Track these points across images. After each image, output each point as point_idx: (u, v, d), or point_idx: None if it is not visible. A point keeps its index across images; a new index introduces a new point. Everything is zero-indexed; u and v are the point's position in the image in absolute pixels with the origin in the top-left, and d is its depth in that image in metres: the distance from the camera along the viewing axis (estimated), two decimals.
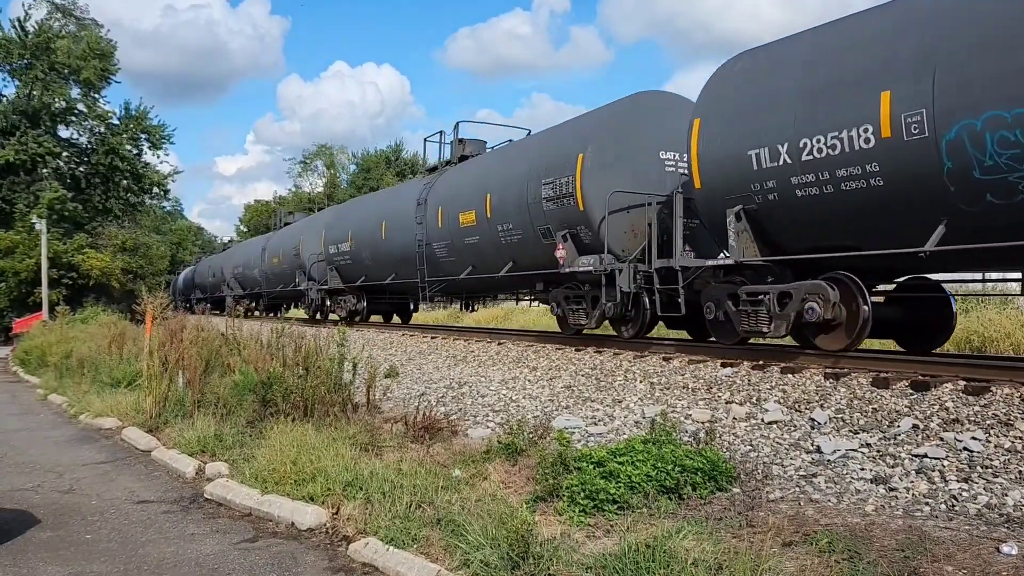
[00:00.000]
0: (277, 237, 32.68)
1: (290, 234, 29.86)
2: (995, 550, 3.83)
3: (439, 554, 4.39)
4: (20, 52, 31.63)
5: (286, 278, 29.04)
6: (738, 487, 5.32)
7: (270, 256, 31.21)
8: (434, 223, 16.88)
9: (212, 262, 43.48)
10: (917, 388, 6.86)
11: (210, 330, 11.75)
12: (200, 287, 44.89)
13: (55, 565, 4.67)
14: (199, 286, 45.51)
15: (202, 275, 45.26)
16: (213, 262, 43.11)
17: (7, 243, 30.02)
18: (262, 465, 6.28)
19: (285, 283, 29.22)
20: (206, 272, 44.23)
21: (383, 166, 65.65)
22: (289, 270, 28.44)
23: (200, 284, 44.96)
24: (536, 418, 7.80)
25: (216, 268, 40.76)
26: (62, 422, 10.39)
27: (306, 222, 30.16)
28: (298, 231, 28.93)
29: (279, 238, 31.93)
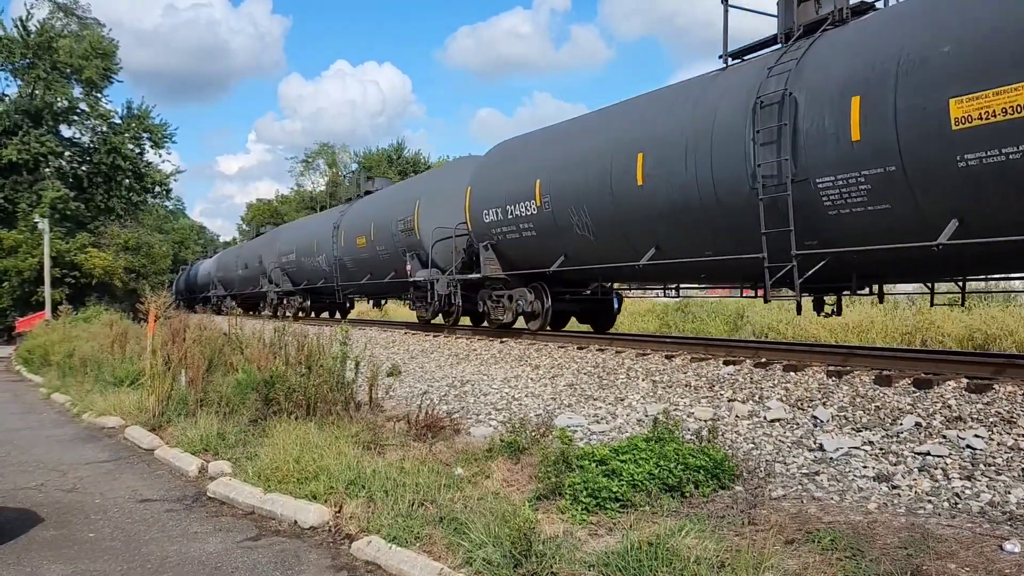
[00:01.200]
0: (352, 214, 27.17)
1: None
2: (998, 548, 3.83)
3: (441, 552, 4.39)
4: (22, 51, 31.65)
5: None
6: (740, 485, 5.31)
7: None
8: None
9: (243, 251, 39.47)
10: (920, 386, 6.86)
11: (212, 329, 11.76)
12: (225, 283, 41.11)
13: (58, 564, 4.68)
14: (223, 281, 41.45)
15: (227, 267, 40.71)
16: (243, 251, 39.24)
17: (10, 242, 30.05)
18: (265, 464, 6.29)
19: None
20: (233, 263, 39.50)
21: (385, 164, 65.65)
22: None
23: (226, 279, 40.83)
24: (538, 416, 7.81)
25: (250, 258, 35.30)
26: (65, 421, 10.41)
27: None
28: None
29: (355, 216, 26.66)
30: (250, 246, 37.25)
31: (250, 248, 36.71)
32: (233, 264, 38.89)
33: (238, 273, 37.25)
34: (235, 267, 38.15)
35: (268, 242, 32.18)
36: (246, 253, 36.66)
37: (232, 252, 43.01)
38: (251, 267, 34.12)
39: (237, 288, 37.77)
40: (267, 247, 31.56)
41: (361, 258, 22.23)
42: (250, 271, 34.42)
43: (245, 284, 35.93)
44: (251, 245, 37.03)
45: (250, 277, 34.48)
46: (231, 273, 39.05)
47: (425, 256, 17.84)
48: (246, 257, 35.99)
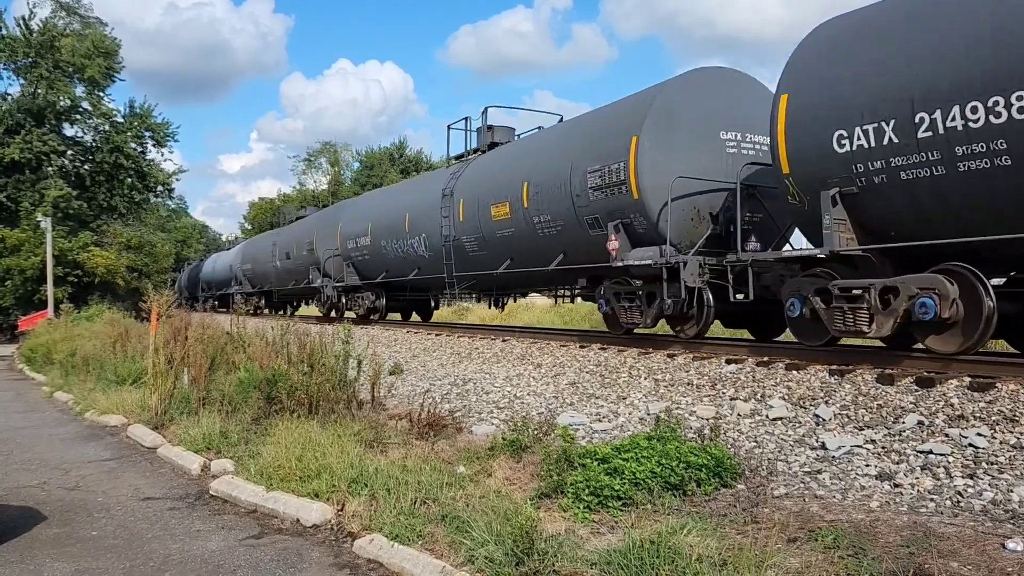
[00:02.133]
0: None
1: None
2: (1000, 546, 3.82)
3: (444, 550, 4.40)
4: (25, 51, 31.68)
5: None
6: (742, 483, 5.31)
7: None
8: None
9: (283, 237, 31.44)
10: (922, 384, 6.85)
11: (215, 327, 11.77)
12: (255, 277, 35.55)
13: (61, 562, 4.69)
14: (252, 276, 35.94)
15: (258, 258, 34.69)
16: (283, 237, 31.34)
17: (12, 241, 30.11)
18: (267, 462, 6.29)
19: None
20: (266, 253, 33.10)
21: (386, 163, 65.70)
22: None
23: (256, 273, 35.19)
24: (540, 415, 7.81)
25: (294, 245, 29.11)
26: (67, 419, 10.42)
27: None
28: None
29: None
30: (294, 231, 29.91)
31: (294, 233, 29.53)
32: (267, 254, 32.33)
33: (274, 265, 30.96)
34: (270, 257, 31.66)
35: (324, 223, 25.55)
36: (287, 240, 29.90)
37: (265, 240, 35.38)
38: (296, 256, 28.01)
39: (275, 283, 31.33)
40: (323, 230, 25.11)
41: (498, 237, 14.95)
42: (294, 262, 28.33)
43: (285, 278, 29.82)
44: (295, 229, 29.79)
45: (294, 269, 28.42)
46: (264, 265, 32.89)
47: (646, 226, 11.26)
48: (287, 244, 29.52)
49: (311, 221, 28.59)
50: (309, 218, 30.28)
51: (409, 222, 18.82)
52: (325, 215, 27.42)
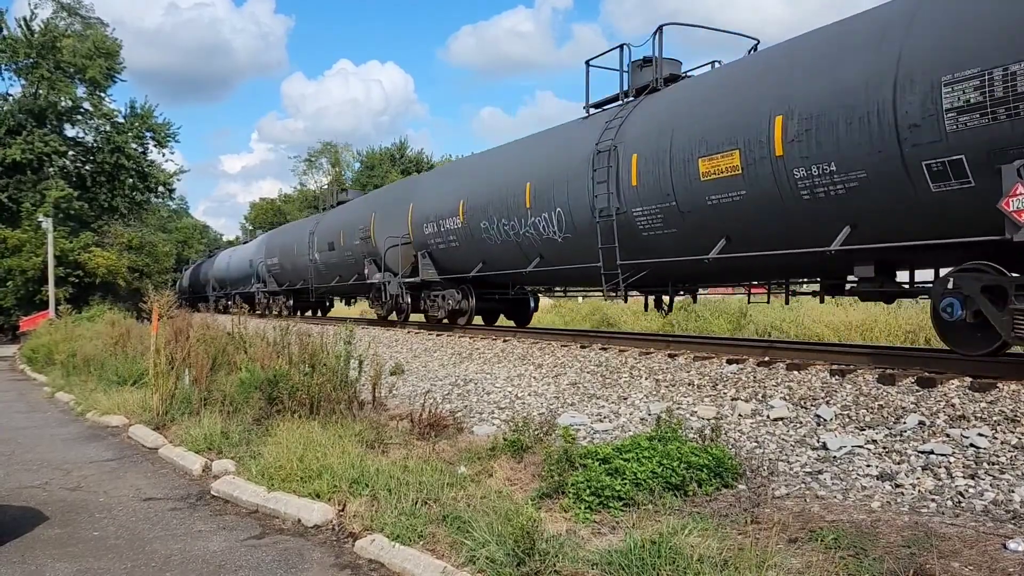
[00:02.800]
0: None
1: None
2: (1002, 546, 3.82)
3: (445, 551, 4.40)
4: (26, 51, 31.71)
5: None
6: (744, 484, 5.32)
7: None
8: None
9: (324, 225, 26.39)
10: (923, 384, 6.85)
11: (216, 328, 11.78)
12: (282, 274, 30.67)
13: (63, 562, 4.69)
14: (279, 272, 31.06)
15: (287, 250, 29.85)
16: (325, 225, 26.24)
17: (14, 242, 30.13)
18: (268, 462, 6.30)
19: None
20: (298, 244, 28.39)
21: (387, 163, 65.71)
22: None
23: (284, 269, 30.34)
24: (541, 415, 7.81)
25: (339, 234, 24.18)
26: (69, 420, 10.43)
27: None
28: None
29: None
30: (341, 216, 25.02)
31: (341, 219, 24.64)
32: (301, 245, 27.56)
33: (311, 258, 26.28)
34: (306, 249, 26.91)
35: (387, 204, 20.86)
36: (331, 227, 25.09)
37: (297, 229, 30.10)
38: (344, 247, 23.35)
39: (313, 280, 26.65)
40: (385, 212, 20.49)
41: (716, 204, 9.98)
42: (341, 253, 23.61)
43: (327, 274, 25.35)
44: (342, 215, 25.03)
45: (341, 263, 23.78)
46: (296, 259, 28.19)
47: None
48: (330, 232, 24.79)
49: (366, 203, 23.60)
50: (362, 199, 25.51)
51: (533, 194, 13.60)
52: (388, 194, 22.52)
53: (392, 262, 19.61)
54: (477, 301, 17.15)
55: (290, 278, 29.88)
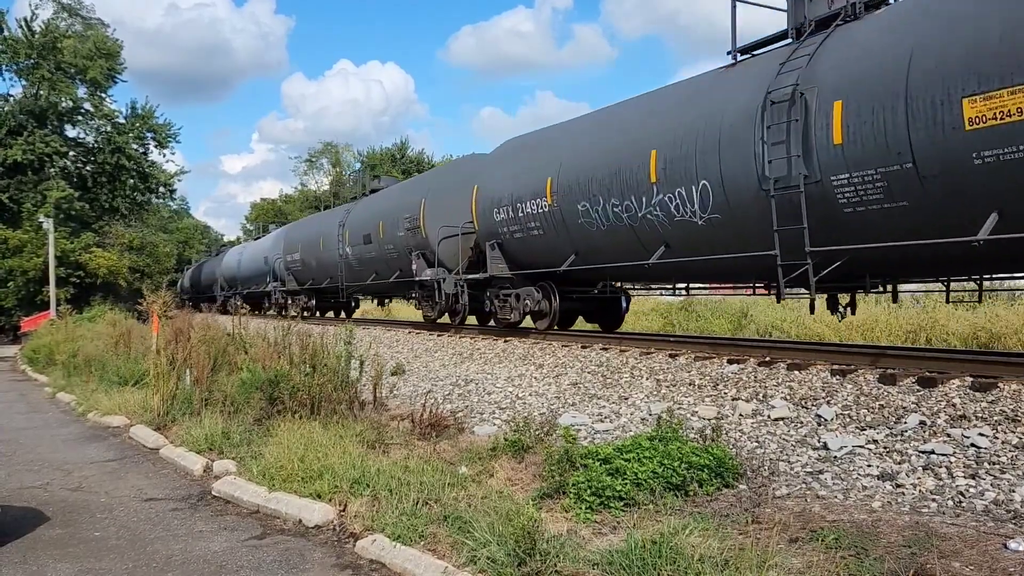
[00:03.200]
0: None
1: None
2: (1002, 546, 3.82)
3: (446, 551, 4.40)
4: (27, 52, 31.77)
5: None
6: (744, 484, 5.32)
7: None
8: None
9: (356, 216, 23.30)
10: (924, 384, 6.85)
11: (217, 328, 11.79)
12: (303, 271, 27.88)
13: (64, 562, 4.70)
14: (300, 269, 28.23)
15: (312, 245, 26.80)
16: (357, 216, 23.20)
17: (15, 242, 30.17)
18: (269, 462, 6.30)
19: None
20: (324, 237, 25.39)
21: (388, 163, 65.73)
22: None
23: (307, 265, 27.39)
24: (542, 415, 7.81)
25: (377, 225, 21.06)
26: (70, 420, 10.44)
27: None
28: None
29: None
30: (379, 204, 21.79)
31: (380, 207, 21.42)
32: (328, 238, 24.44)
33: (342, 253, 23.25)
34: (333, 244, 23.91)
35: (444, 188, 17.83)
36: (366, 217, 21.94)
37: (324, 221, 26.63)
38: (384, 239, 20.25)
39: (345, 277, 23.55)
40: (440, 198, 17.64)
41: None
42: (381, 247, 20.54)
43: (361, 270, 22.31)
44: (381, 202, 21.83)
45: (380, 257, 20.74)
46: (323, 254, 25.10)
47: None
48: (366, 223, 21.69)
49: (414, 187, 20.36)
50: (409, 183, 22.39)
51: (661, 165, 10.63)
52: (444, 176, 19.19)
53: (447, 256, 16.88)
54: (562, 301, 14.21)
55: (313, 276, 26.81)
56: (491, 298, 15.36)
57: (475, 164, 17.57)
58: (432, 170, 17.07)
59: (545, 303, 14.03)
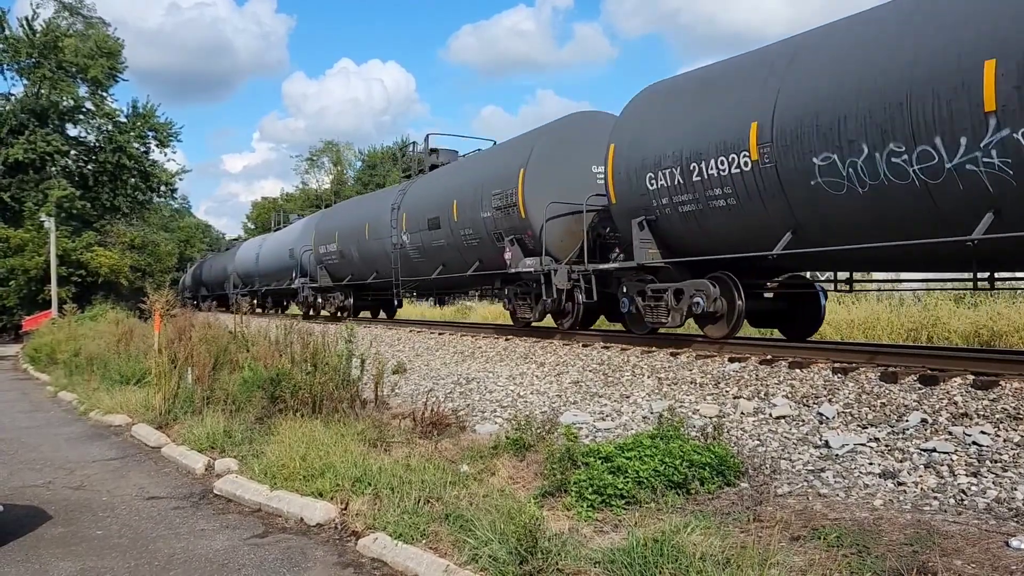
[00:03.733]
0: None
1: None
2: (1004, 544, 3.82)
3: (448, 549, 4.41)
4: (28, 51, 31.77)
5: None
6: (746, 482, 5.32)
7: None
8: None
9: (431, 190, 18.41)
10: (926, 382, 6.84)
11: (218, 327, 11.80)
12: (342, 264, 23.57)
13: (67, 561, 4.70)
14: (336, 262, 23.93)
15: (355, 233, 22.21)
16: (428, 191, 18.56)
17: (17, 241, 30.19)
18: (271, 461, 6.31)
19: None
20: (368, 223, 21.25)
21: (389, 163, 65.73)
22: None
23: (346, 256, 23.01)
24: (544, 414, 7.81)
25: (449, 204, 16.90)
26: (72, 419, 10.45)
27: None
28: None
29: None
30: (451, 179, 17.51)
31: (451, 183, 17.20)
32: (375, 226, 20.47)
33: (396, 242, 19.03)
34: (384, 231, 19.79)
35: (543, 152, 13.89)
36: (430, 196, 17.82)
37: (369, 205, 22.46)
38: (458, 223, 16.21)
39: (403, 270, 19.25)
40: (538, 164, 13.77)
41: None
42: (452, 233, 16.50)
43: (423, 263, 18.27)
44: (454, 177, 17.44)
45: (452, 246, 16.71)
46: (367, 244, 21.11)
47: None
48: (430, 205, 17.56)
49: (504, 155, 15.43)
50: (499, 149, 16.92)
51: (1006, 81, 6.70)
52: (555, 136, 14.18)
53: (554, 241, 13.35)
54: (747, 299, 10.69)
55: (355, 270, 22.62)
56: (630, 295, 11.52)
57: (600, 120, 13.81)
58: (532, 132, 14.02)
59: (720, 302, 10.05)
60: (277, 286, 30.03)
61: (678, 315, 10.66)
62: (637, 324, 11.91)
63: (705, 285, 10.25)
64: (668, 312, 10.76)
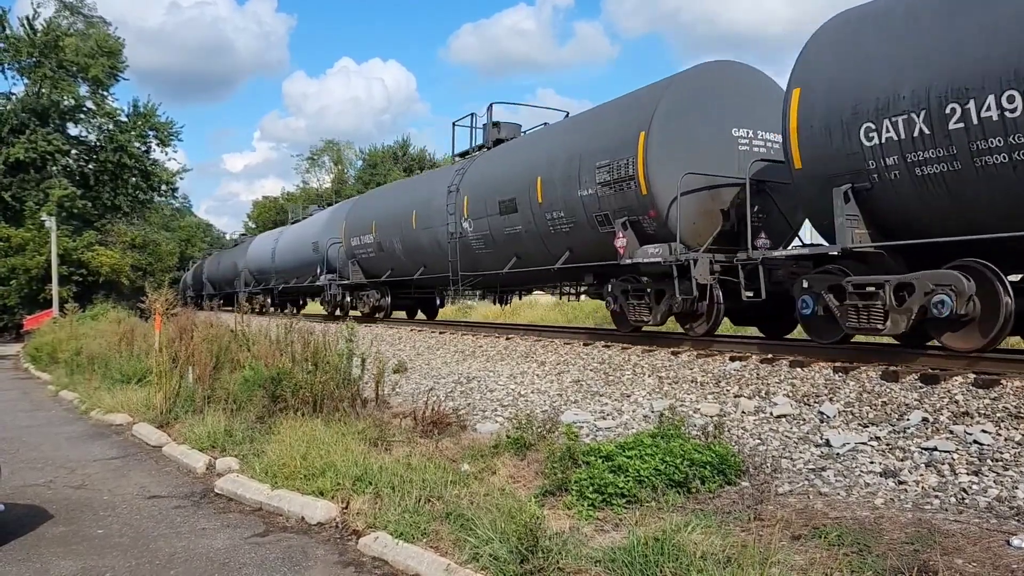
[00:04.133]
0: None
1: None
2: (1005, 543, 3.82)
3: (448, 548, 4.41)
4: (29, 50, 31.76)
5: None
6: (747, 481, 5.31)
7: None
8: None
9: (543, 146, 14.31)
10: (926, 381, 6.84)
11: (219, 326, 11.80)
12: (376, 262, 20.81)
13: (68, 560, 4.71)
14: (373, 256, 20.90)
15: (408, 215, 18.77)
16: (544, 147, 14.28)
17: (17, 240, 30.18)
18: (272, 460, 6.31)
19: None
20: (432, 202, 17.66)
21: (389, 162, 65.73)
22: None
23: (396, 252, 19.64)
24: (544, 412, 7.81)
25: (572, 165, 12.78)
26: (73, 418, 10.46)
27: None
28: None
29: None
30: (527, 152, 14.61)
31: (528, 157, 14.28)
32: (426, 212, 17.65)
33: (456, 230, 16.17)
34: (438, 219, 16.92)
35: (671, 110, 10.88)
36: (496, 177, 15.04)
37: (418, 189, 19.51)
38: (540, 207, 13.24)
39: (461, 263, 16.39)
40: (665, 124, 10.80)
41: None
42: (535, 216, 13.43)
43: (491, 253, 15.25)
44: (532, 149, 14.55)
45: (531, 233, 13.69)
46: (416, 234, 18.21)
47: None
48: (500, 185, 14.66)
49: (619, 113, 12.11)
50: (602, 110, 13.19)
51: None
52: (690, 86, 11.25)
53: (686, 224, 10.52)
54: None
55: (396, 264, 19.72)
56: (814, 292, 8.84)
57: (737, 72, 11.46)
58: (650, 86, 11.65)
59: (974, 302, 7.44)
60: (297, 283, 27.42)
61: (902, 319, 7.91)
62: (823, 331, 8.99)
63: (954, 278, 7.42)
64: (885, 316, 8.01)
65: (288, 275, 28.70)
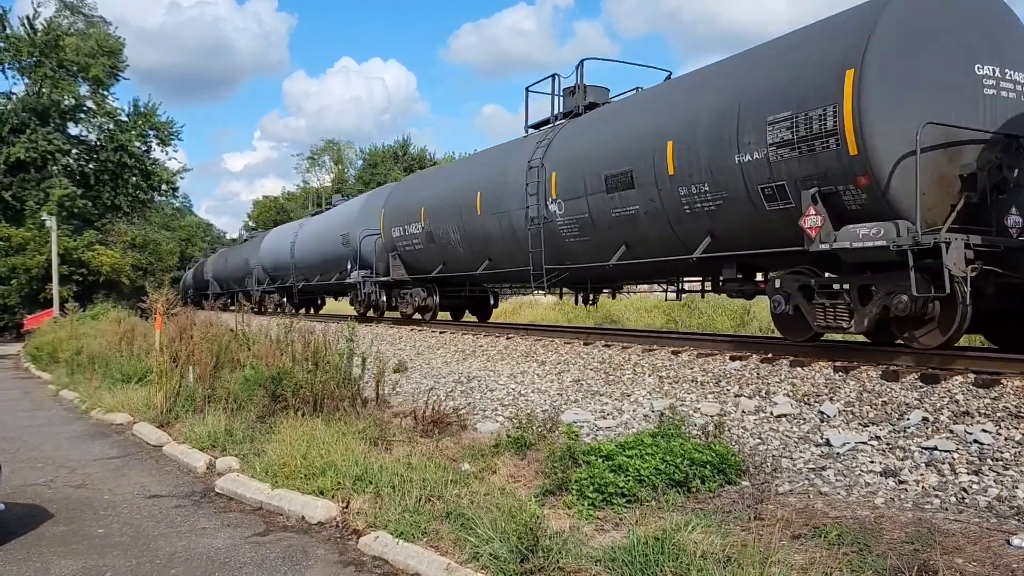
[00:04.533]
0: None
1: None
2: (1005, 542, 3.82)
3: (448, 547, 4.41)
4: (29, 50, 31.76)
5: None
6: (747, 480, 5.31)
7: None
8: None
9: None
10: (927, 381, 6.84)
11: (220, 326, 11.81)
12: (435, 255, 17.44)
13: (68, 559, 4.71)
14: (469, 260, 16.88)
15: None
16: None
17: (18, 240, 30.18)
18: (272, 459, 6.31)
19: None
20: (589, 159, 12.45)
21: (390, 162, 65.74)
22: None
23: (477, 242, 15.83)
24: (545, 412, 7.81)
25: None
26: (73, 418, 10.46)
27: None
28: None
29: None
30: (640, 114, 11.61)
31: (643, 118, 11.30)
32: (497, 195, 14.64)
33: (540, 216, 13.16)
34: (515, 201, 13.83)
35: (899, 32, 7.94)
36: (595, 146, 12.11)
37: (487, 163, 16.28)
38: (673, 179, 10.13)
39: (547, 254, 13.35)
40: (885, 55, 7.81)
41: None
42: (663, 193, 10.36)
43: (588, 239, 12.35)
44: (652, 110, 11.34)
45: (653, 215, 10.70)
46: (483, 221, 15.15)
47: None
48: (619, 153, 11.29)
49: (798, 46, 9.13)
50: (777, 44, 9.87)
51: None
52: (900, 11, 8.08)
53: (911, 194, 7.50)
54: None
55: (451, 257, 16.81)
56: None
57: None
58: (855, 8, 8.44)
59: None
60: (321, 281, 24.26)
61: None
62: None
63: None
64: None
65: (310, 272, 25.52)
